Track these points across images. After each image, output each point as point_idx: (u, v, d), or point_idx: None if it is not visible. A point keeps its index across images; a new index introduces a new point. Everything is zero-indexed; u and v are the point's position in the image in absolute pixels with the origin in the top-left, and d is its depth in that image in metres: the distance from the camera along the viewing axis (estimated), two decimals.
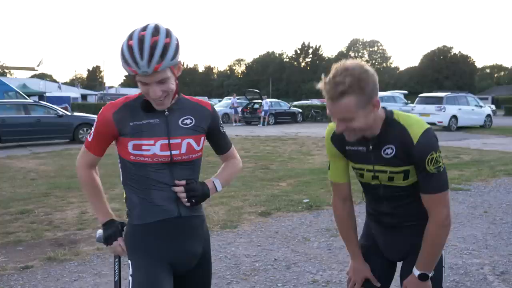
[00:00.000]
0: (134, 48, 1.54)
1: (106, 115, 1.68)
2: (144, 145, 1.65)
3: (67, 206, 6.03)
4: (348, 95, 1.56)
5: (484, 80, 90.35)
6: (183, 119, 1.73)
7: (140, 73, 1.55)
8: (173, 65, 1.61)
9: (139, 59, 1.53)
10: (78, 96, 49.19)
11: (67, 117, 14.83)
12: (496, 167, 8.92)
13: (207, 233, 1.88)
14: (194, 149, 1.73)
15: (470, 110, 20.41)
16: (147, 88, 1.59)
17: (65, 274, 3.79)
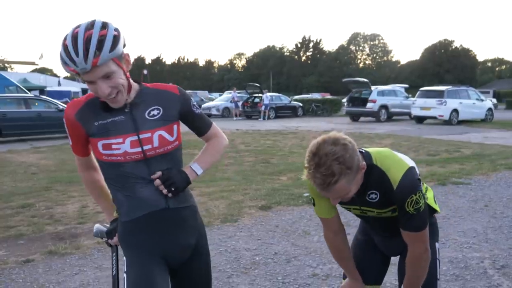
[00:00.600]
0: (68, 46, 1.46)
1: (69, 116, 1.61)
2: (113, 144, 1.57)
3: (68, 200, 6.04)
4: (339, 181, 1.55)
5: (486, 74, 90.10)
6: (149, 111, 1.63)
7: (79, 71, 1.46)
8: (115, 57, 1.50)
9: (74, 56, 1.44)
10: (79, 91, 49.14)
11: None
12: (497, 161, 8.91)
13: (200, 225, 1.82)
14: (168, 140, 1.64)
15: (471, 104, 20.35)
16: (95, 86, 1.50)
17: (66, 268, 3.81)
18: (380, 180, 1.70)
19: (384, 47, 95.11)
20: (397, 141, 12.79)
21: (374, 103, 21.94)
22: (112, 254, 1.88)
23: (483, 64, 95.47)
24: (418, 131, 16.24)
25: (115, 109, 1.60)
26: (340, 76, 67.60)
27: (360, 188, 1.71)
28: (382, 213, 1.78)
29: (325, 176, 1.53)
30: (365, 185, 1.72)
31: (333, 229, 1.95)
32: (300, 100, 30.63)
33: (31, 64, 41.15)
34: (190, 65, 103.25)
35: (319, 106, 28.75)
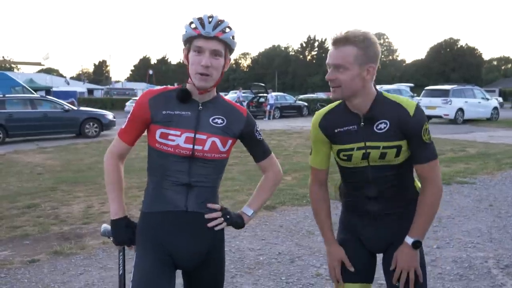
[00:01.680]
0: (203, 16, 1.66)
1: (143, 99, 1.74)
2: (170, 135, 1.67)
3: (73, 200, 6.08)
4: (351, 45, 1.68)
5: (491, 73, 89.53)
6: (215, 118, 1.74)
7: (203, 33, 1.62)
8: (230, 44, 1.69)
9: (206, 22, 1.64)
10: (85, 91, 49.41)
11: (73, 112, 14.90)
12: (502, 160, 8.87)
13: (217, 234, 1.81)
14: (219, 149, 1.72)
15: (476, 102, 20.24)
16: (199, 57, 1.65)
17: (71, 268, 3.84)
18: (393, 109, 1.76)
19: (389, 46, 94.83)
20: None
21: None
22: (119, 253, 1.90)
23: (488, 62, 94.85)
24: None
25: (186, 104, 1.72)
26: None
27: (368, 115, 1.76)
28: (387, 149, 1.76)
29: (345, 33, 1.69)
30: (375, 114, 1.76)
31: (320, 181, 2.05)
32: (305, 99, 30.62)
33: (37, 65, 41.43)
34: None
35: (324, 106, 28.51)
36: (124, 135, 1.77)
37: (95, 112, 15.77)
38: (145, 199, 1.78)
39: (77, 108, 16.06)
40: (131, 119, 1.75)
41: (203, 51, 1.64)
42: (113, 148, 1.80)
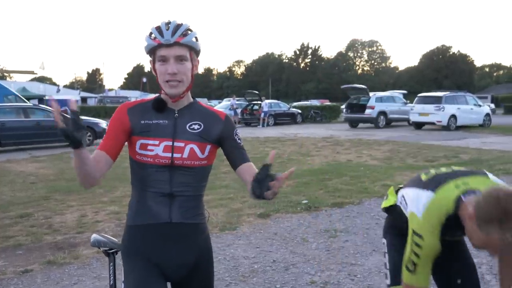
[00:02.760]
0: (161, 24, 1.66)
1: (122, 109, 1.74)
2: (149, 145, 1.67)
3: (66, 209, 6.04)
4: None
5: (484, 79, 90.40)
6: (191, 124, 1.72)
7: (163, 41, 1.62)
8: (193, 46, 1.67)
9: (164, 30, 1.63)
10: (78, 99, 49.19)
11: None
12: (495, 166, 8.92)
13: (204, 243, 1.80)
14: (197, 156, 1.70)
15: (469, 109, 20.41)
16: (165, 66, 1.64)
17: (65, 278, 3.81)
18: None
19: (382, 54, 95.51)
20: (396, 147, 12.82)
21: (372, 109, 22.00)
22: (109, 263, 1.89)
23: (480, 69, 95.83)
24: (417, 137, 16.28)
25: (163, 113, 1.71)
26: (338, 82, 67.86)
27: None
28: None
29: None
30: None
31: None
32: (299, 106, 30.68)
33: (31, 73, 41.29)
34: None
35: (318, 113, 28.81)
36: (101, 145, 1.69)
37: (89, 121, 15.70)
38: (129, 211, 1.77)
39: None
40: (108, 133, 1.70)
41: (167, 59, 1.64)
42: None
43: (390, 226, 2.08)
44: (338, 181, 7.75)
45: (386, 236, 2.09)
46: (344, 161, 10.24)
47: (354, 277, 3.72)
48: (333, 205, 6.08)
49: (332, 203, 6.16)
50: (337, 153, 11.81)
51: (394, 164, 9.66)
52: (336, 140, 15.18)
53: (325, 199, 6.43)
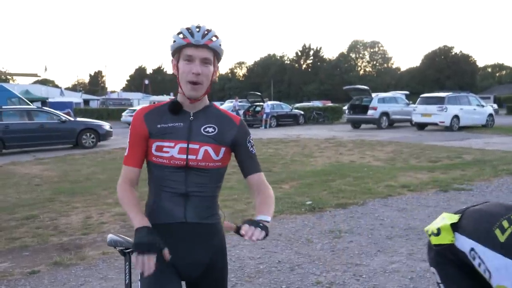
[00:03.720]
0: (191, 26, 1.71)
1: (138, 116, 1.77)
2: (165, 147, 1.71)
3: (71, 211, 6.08)
4: None
5: (486, 79, 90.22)
6: (206, 127, 1.76)
7: (193, 42, 1.66)
8: (219, 52, 1.72)
9: (195, 30, 1.68)
10: (81, 101, 49.40)
11: (70, 123, 14.92)
12: (498, 167, 8.92)
13: (219, 243, 1.83)
14: (212, 157, 1.73)
15: (471, 109, 20.37)
16: (190, 66, 1.68)
17: (72, 279, 3.84)
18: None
19: (384, 54, 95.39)
20: (399, 148, 12.82)
21: (375, 110, 21.99)
22: (125, 262, 1.91)
23: (483, 69, 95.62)
24: (419, 138, 16.27)
25: (178, 115, 1.75)
26: (340, 83, 67.81)
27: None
28: None
29: None
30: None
31: None
32: (301, 108, 30.67)
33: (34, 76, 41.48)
34: None
35: (320, 114, 28.81)
36: (129, 160, 1.76)
37: (92, 123, 15.79)
38: (145, 211, 1.79)
39: (74, 119, 16.08)
40: (131, 141, 1.76)
41: (194, 60, 1.67)
42: (121, 177, 1.76)
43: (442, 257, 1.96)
44: (342, 182, 7.76)
45: (438, 265, 1.98)
46: (347, 162, 10.26)
47: (359, 278, 3.73)
48: (337, 206, 6.09)
49: (336, 204, 6.18)
50: (340, 154, 11.82)
51: (397, 165, 9.67)
52: (339, 141, 15.19)
53: (329, 200, 6.45)
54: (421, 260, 4.06)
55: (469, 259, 1.76)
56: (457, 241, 1.84)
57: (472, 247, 1.75)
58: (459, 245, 1.82)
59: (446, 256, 1.93)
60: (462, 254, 1.80)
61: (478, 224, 1.78)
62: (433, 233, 1.96)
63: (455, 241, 1.84)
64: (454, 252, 1.85)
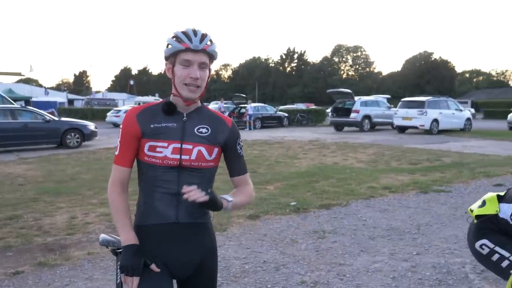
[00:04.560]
0: (187, 30, 1.71)
1: (130, 115, 1.77)
2: (158, 147, 1.72)
3: (56, 211, 6.03)
4: None
5: (464, 85, 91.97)
6: (199, 127, 1.78)
7: (191, 47, 1.68)
8: (214, 56, 1.76)
9: (192, 36, 1.69)
10: (65, 101, 48.69)
11: (54, 122, 14.72)
12: (476, 169, 9.16)
13: (210, 242, 1.86)
14: (205, 157, 1.76)
15: (450, 114, 20.81)
16: (188, 70, 1.70)
17: (56, 279, 3.82)
18: None
19: (366, 59, 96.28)
20: (380, 150, 13.03)
21: (357, 113, 22.27)
22: (117, 262, 1.93)
23: (461, 75, 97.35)
24: (400, 141, 16.54)
25: (172, 116, 1.76)
26: (324, 86, 68.20)
27: None
28: None
29: None
30: None
31: None
32: (286, 110, 30.88)
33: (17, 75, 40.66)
34: None
35: (304, 116, 29.03)
36: (120, 159, 1.77)
37: (77, 123, 15.61)
38: (137, 212, 1.81)
39: (58, 119, 15.88)
40: (122, 140, 1.75)
41: (192, 64, 1.69)
42: (112, 178, 1.79)
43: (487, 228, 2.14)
44: (325, 183, 7.87)
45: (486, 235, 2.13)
46: (331, 164, 10.39)
47: (343, 277, 3.82)
48: (321, 207, 6.19)
49: (320, 205, 6.28)
50: (324, 156, 11.95)
51: (379, 167, 9.84)
52: (322, 143, 15.35)
53: (313, 201, 6.54)
54: (402, 260, 4.18)
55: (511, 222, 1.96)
56: (501, 212, 2.00)
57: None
58: (502, 214, 1.99)
59: (488, 227, 2.09)
60: (504, 221, 1.97)
61: None
62: (478, 205, 2.13)
63: (499, 211, 2.01)
64: (496, 222, 2.02)
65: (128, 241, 1.70)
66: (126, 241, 1.71)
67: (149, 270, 1.71)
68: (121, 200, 1.77)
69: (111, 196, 1.77)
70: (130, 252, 1.68)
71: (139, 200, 1.82)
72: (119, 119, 28.71)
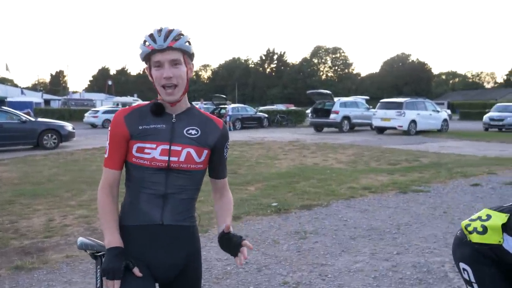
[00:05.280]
0: (153, 31, 1.70)
1: (118, 117, 1.74)
2: (146, 148, 1.69)
3: (33, 213, 5.89)
4: None
5: (440, 86, 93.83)
6: (189, 129, 1.76)
7: (156, 47, 1.66)
8: (186, 52, 1.72)
9: (156, 36, 1.67)
10: (41, 101, 47.74)
11: (31, 123, 14.42)
12: (453, 169, 9.34)
13: (194, 245, 1.85)
14: (194, 159, 1.74)
15: (428, 115, 21.21)
16: (160, 71, 1.68)
17: (34, 283, 3.74)
18: None
19: (345, 60, 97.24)
20: (360, 151, 13.17)
21: (337, 114, 22.49)
22: (97, 266, 1.89)
23: (437, 77, 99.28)
24: (379, 141, 16.76)
25: (161, 117, 1.74)
26: (303, 87, 68.71)
27: None
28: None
29: None
30: None
31: None
32: (266, 111, 30.98)
33: None
34: None
35: (284, 117, 29.16)
36: (109, 162, 1.75)
37: (54, 123, 15.31)
38: (121, 212, 1.79)
39: (35, 119, 15.55)
40: (111, 143, 1.73)
41: (162, 64, 1.67)
42: (102, 180, 1.77)
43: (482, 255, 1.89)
44: (306, 184, 7.91)
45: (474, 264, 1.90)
46: (311, 165, 10.45)
47: (325, 277, 3.84)
48: (302, 207, 6.21)
49: (301, 206, 6.30)
50: (304, 156, 12.02)
51: (359, 167, 9.94)
52: (303, 144, 15.43)
53: (294, 201, 6.56)
54: (383, 260, 4.23)
55: None
56: (505, 242, 1.77)
57: None
58: (508, 246, 1.76)
59: (486, 256, 1.84)
60: (509, 256, 1.75)
61: None
62: (477, 230, 1.87)
63: (503, 242, 1.77)
64: (498, 253, 1.79)
65: (111, 244, 1.68)
66: (109, 244, 1.68)
67: (131, 274, 1.68)
68: (109, 202, 1.74)
69: (99, 198, 1.75)
70: (112, 255, 1.65)
71: (125, 200, 1.79)
72: (97, 120, 28.33)
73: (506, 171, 9.20)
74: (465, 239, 1.91)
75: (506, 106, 25.58)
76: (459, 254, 1.97)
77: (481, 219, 1.87)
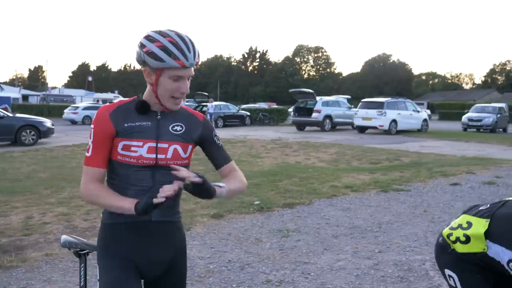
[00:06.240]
0: (179, 42, 1.62)
1: (102, 114, 1.69)
2: (133, 146, 1.68)
3: (11, 211, 5.77)
4: None
5: (420, 86, 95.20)
6: (174, 125, 1.76)
7: (187, 65, 1.62)
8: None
9: (187, 51, 1.62)
10: (19, 97, 46.81)
11: (8, 119, 14.11)
12: (433, 169, 9.50)
13: (180, 241, 1.85)
14: (180, 155, 1.75)
15: (408, 114, 21.52)
16: (178, 84, 1.65)
17: (12, 282, 3.66)
18: None
19: (327, 59, 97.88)
20: (342, 150, 13.28)
21: (319, 113, 22.62)
22: (80, 264, 1.87)
23: (418, 77, 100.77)
24: (361, 141, 16.93)
25: (146, 114, 1.72)
26: (286, 86, 68.89)
27: None
28: None
29: None
30: None
31: None
32: (248, 109, 30.95)
33: None
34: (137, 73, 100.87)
35: (266, 115, 29.19)
36: (93, 160, 1.68)
37: (33, 119, 15.01)
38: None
39: (13, 115, 15.22)
40: (95, 140, 1.67)
41: (183, 79, 1.65)
42: (85, 180, 1.69)
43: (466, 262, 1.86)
44: (288, 182, 7.94)
45: (459, 271, 1.87)
46: (293, 163, 10.49)
47: (308, 275, 3.85)
48: (285, 206, 6.23)
49: (284, 204, 6.32)
50: (286, 155, 12.06)
51: (341, 166, 10.02)
52: (285, 142, 15.48)
53: (276, 200, 6.58)
54: (365, 258, 4.27)
55: (507, 269, 1.70)
56: (489, 250, 1.75)
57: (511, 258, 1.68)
58: (492, 253, 1.75)
59: (471, 262, 1.83)
60: (494, 262, 1.74)
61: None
62: (460, 240, 1.84)
63: (487, 249, 1.75)
64: (483, 259, 1.78)
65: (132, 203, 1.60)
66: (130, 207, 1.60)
67: (117, 273, 1.66)
68: (100, 187, 1.68)
69: (87, 192, 1.67)
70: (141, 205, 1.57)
71: None
72: (76, 116, 27.92)
73: (484, 170, 9.40)
74: (449, 249, 1.89)
75: (484, 107, 26.16)
76: (444, 260, 1.96)
77: (462, 227, 1.85)
